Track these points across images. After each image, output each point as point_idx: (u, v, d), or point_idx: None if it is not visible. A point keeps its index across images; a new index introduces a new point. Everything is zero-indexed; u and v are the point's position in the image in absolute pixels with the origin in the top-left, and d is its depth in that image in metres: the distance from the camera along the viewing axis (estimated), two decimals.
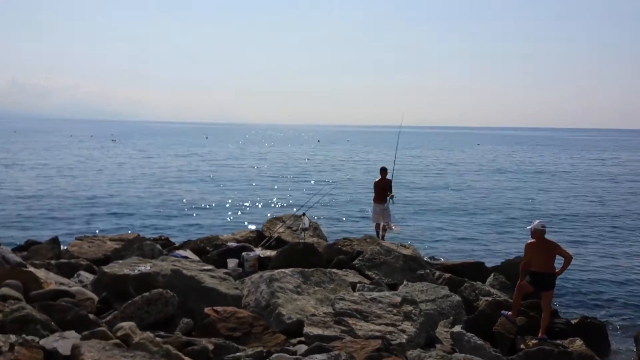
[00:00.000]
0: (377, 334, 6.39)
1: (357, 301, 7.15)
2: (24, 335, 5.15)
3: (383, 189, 13.81)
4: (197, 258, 9.96)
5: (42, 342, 5.13)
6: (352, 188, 28.55)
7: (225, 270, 8.84)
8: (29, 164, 42.63)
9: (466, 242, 17.50)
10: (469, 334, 6.64)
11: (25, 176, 34.15)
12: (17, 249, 12.16)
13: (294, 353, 5.41)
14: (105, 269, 7.80)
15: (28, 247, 12.49)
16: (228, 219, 21.12)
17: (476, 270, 10.86)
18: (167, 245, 12.39)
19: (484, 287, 9.40)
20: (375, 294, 7.47)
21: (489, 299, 8.43)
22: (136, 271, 7.52)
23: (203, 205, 24.16)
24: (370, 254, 10.07)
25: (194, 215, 21.76)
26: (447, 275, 10.01)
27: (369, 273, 9.63)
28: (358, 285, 8.63)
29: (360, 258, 10.07)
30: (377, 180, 14.13)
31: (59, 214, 21.23)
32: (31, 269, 8.13)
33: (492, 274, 10.38)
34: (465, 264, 11.42)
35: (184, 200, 25.13)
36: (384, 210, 13.73)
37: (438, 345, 6.87)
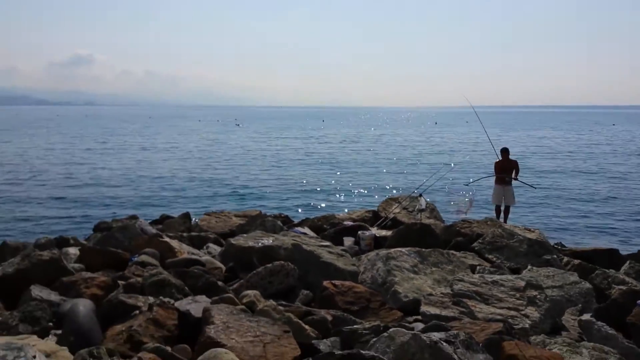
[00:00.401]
0: (498, 317, 6.16)
1: (477, 283, 6.93)
2: (161, 297, 5.63)
3: (504, 170, 13.27)
4: (314, 235, 10.23)
5: (176, 304, 5.57)
6: (471, 170, 27.62)
7: (342, 248, 8.99)
8: (163, 147, 46.21)
9: (598, 231, 16.26)
10: (600, 323, 6.17)
11: (160, 158, 37.09)
12: (153, 223, 13.29)
13: (411, 330, 5.39)
14: (232, 241, 8.27)
15: (163, 221, 13.59)
16: (344, 199, 21.44)
17: (610, 258, 10.04)
18: (287, 223, 12.86)
19: (618, 275, 8.66)
20: (496, 277, 7.19)
21: (623, 287, 7.76)
22: (260, 244, 7.89)
23: (320, 186, 24.73)
24: (491, 237, 9.69)
25: (311, 195, 22.35)
26: (577, 261, 9.36)
27: (490, 256, 9.26)
28: (478, 267, 8.36)
29: (480, 241, 9.72)
30: (497, 161, 13.60)
31: (190, 193, 22.85)
32: (166, 239, 8.84)
33: (628, 262, 9.53)
34: (597, 250, 10.61)
35: (303, 181, 25.89)
36: (506, 192, 13.20)
37: (564, 333, 6.47)
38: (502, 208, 13.41)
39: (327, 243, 8.63)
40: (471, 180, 12.52)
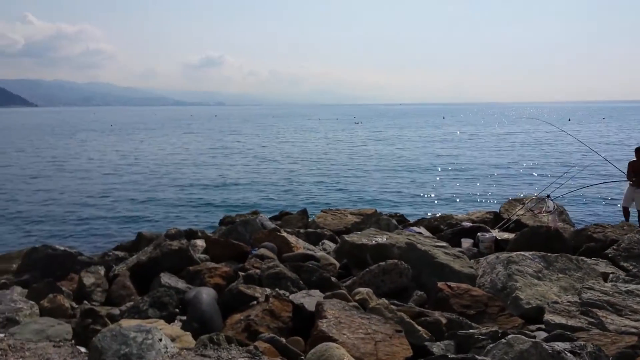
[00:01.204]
0: (633, 330, 5.59)
1: (609, 292, 6.35)
2: (277, 289, 5.82)
3: (638, 171, 12.14)
4: (430, 235, 10.00)
5: (291, 296, 5.72)
6: (606, 171, 25.40)
7: (459, 249, 8.69)
8: (284, 144, 47.86)
9: None
10: None
11: (281, 153, 38.45)
12: (273, 218, 13.79)
13: (532, 338, 5.06)
14: (346, 237, 8.33)
15: (282, 217, 14.06)
16: (462, 198, 20.72)
17: None
18: (402, 222, 12.71)
19: None
20: (632, 287, 6.53)
21: None
22: (373, 241, 7.87)
23: (436, 184, 24.15)
24: (627, 243, 8.82)
25: (427, 194, 21.87)
26: None
27: (625, 264, 8.44)
28: (611, 276, 7.65)
29: (614, 247, 8.89)
30: (632, 161, 12.46)
31: (307, 190, 23.42)
32: (284, 234, 9.13)
33: None
34: None
35: (418, 179, 25.44)
36: (637, 195, 12.07)
37: None
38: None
39: (444, 244, 8.39)
40: (551, 196, 11.49)
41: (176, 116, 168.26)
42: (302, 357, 4.53)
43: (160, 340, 4.29)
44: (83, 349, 4.85)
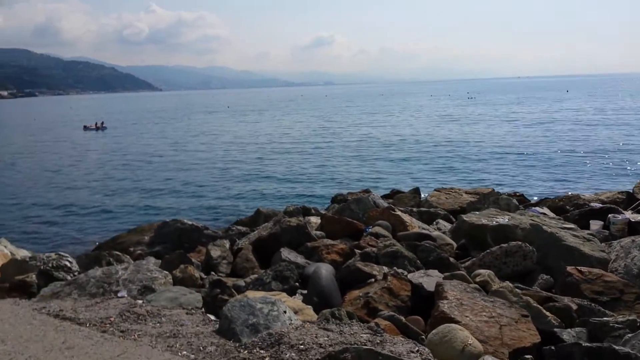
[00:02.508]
0: None
1: None
2: (394, 268, 5.79)
3: None
4: (555, 216, 9.41)
5: (409, 276, 5.67)
6: None
7: (588, 232, 8.10)
8: (391, 124, 47.35)
9: None
10: None
11: (387, 132, 38.10)
12: (385, 197, 13.73)
13: None
14: (464, 217, 8.08)
15: (393, 195, 13.96)
16: (590, 178, 19.28)
17: None
18: (523, 202, 12.09)
19: None
20: None
21: None
22: (494, 222, 7.55)
23: (561, 161, 22.65)
24: None
25: (552, 172, 20.59)
26: None
27: None
28: None
29: None
30: None
31: (417, 168, 23.04)
32: (398, 212, 9.05)
33: None
34: None
35: (543, 156, 24.04)
36: None
37: None
38: None
39: (571, 225, 7.86)
40: None
41: (287, 97, 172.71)
42: (423, 336, 4.48)
43: (285, 312, 4.45)
44: (212, 317, 5.16)
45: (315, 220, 9.91)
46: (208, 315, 5.21)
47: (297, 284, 5.89)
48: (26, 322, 4.31)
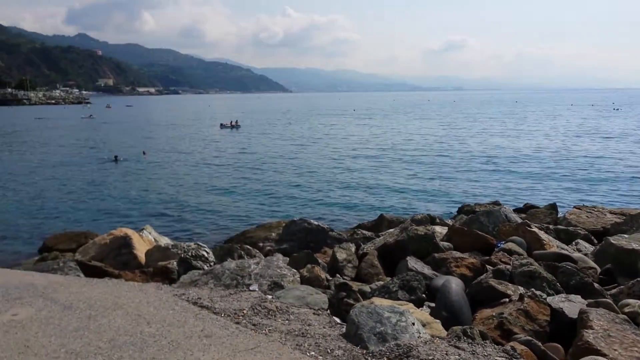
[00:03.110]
0: None
1: None
2: (532, 290, 5.41)
3: None
4: None
5: (548, 299, 5.27)
6: None
7: None
8: (525, 133, 44.84)
9: None
10: None
11: (524, 142, 36.11)
12: (516, 210, 13.00)
13: None
14: (612, 240, 7.37)
15: (527, 210, 13.18)
16: None
17: None
18: None
19: None
20: None
21: None
22: None
23: None
24: None
25: None
26: None
27: None
28: None
29: None
30: None
31: (555, 180, 21.56)
32: (534, 229, 8.49)
33: None
34: None
35: None
36: None
37: None
38: None
39: None
40: None
41: (414, 101, 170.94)
42: None
43: (413, 324, 4.33)
44: (338, 320, 5.18)
45: (440, 230, 9.63)
46: (334, 317, 5.25)
47: (424, 295, 5.73)
48: (169, 307, 4.62)
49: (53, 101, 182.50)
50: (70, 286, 5.16)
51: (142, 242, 8.80)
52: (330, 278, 6.80)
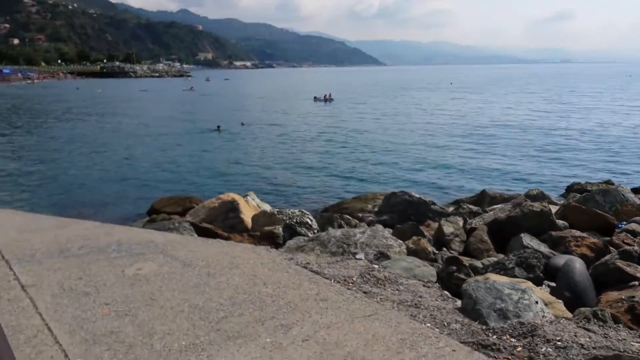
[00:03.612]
0: None
1: None
2: None
3: None
4: None
5: None
6: None
7: None
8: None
9: None
10: None
11: (627, 119, 33.32)
12: (634, 190, 12.05)
13: None
14: None
15: None
16: None
17: None
18: None
19: None
20: None
21: None
22: None
23: None
24: None
25: None
26: None
27: None
28: None
29: None
30: None
31: None
32: None
33: None
34: None
35: None
36: None
37: None
38: None
39: None
40: None
41: (516, 74, 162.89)
42: None
43: (537, 303, 4.09)
44: (448, 294, 5.02)
45: (553, 209, 9.10)
46: (444, 291, 5.09)
47: (541, 274, 5.42)
48: (282, 270, 4.68)
49: (156, 74, 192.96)
50: (187, 245, 5.37)
51: (248, 207, 9.05)
52: (437, 251, 6.62)
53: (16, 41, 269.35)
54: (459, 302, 4.56)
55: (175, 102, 60.79)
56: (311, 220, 7.89)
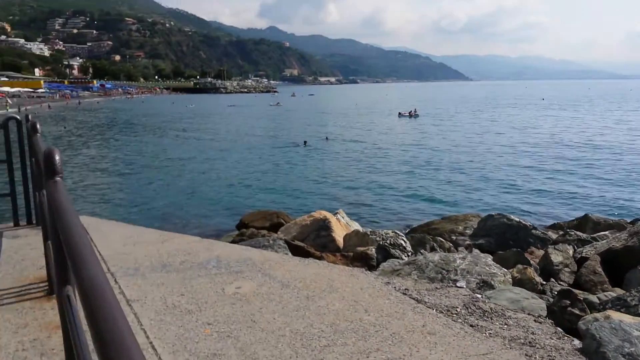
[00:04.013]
0: None
1: None
2: None
3: None
4: None
5: None
6: None
7: None
8: None
9: None
10: None
11: None
12: None
13: None
14: None
15: None
16: None
17: None
18: None
19: None
20: None
21: None
22: None
23: None
24: None
25: None
26: None
27: None
28: None
29: None
30: None
31: None
32: None
33: None
34: None
35: None
36: None
37: None
38: None
39: None
40: None
41: (613, 90, 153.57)
42: None
43: None
44: (561, 331, 4.60)
45: None
46: (558, 328, 4.67)
47: None
48: (384, 296, 4.46)
49: (245, 90, 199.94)
50: (284, 264, 5.29)
51: (339, 226, 8.93)
52: (544, 282, 6.15)
53: (118, 57, 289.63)
54: (576, 342, 4.15)
55: (262, 117, 62.42)
56: (405, 241, 7.62)
